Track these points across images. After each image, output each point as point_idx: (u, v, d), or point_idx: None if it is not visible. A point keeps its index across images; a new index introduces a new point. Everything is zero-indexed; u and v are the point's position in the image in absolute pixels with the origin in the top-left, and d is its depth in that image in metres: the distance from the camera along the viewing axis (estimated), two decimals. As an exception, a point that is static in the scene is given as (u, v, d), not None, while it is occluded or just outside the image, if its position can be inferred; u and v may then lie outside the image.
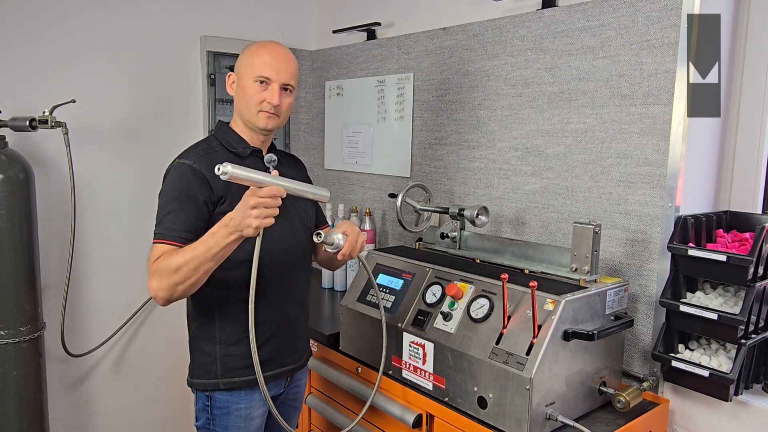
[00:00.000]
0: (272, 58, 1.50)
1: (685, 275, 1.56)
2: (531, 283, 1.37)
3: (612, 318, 1.53)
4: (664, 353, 1.55)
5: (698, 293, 1.56)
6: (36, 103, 2.04)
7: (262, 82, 1.49)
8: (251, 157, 1.55)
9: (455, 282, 1.60)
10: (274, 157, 1.43)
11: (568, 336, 1.39)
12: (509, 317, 1.44)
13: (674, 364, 1.52)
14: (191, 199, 1.42)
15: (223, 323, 1.50)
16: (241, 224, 1.29)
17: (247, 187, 1.31)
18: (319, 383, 1.99)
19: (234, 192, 1.44)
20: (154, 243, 1.39)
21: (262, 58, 1.50)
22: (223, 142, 1.54)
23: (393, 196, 2.04)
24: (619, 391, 1.50)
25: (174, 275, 1.33)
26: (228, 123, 1.60)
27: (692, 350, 1.58)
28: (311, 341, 1.90)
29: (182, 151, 1.53)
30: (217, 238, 1.32)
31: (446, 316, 1.55)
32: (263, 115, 1.51)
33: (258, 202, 1.27)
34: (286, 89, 1.52)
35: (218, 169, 1.23)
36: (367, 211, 2.41)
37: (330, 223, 2.52)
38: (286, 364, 1.60)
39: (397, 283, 1.76)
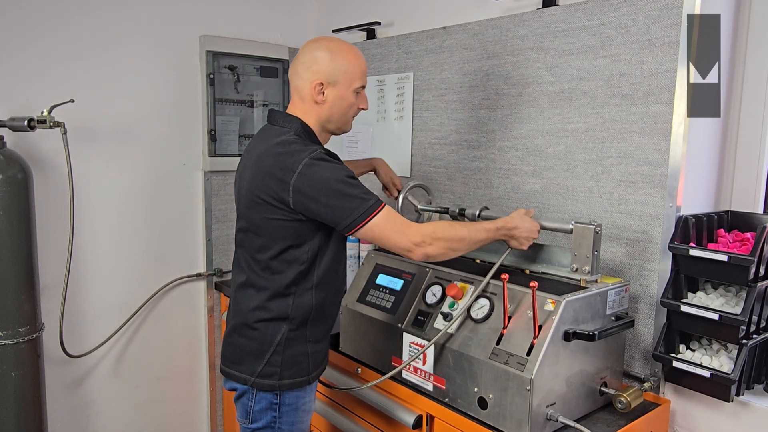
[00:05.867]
0: (365, 65, 1.56)
1: (686, 275, 1.56)
2: (531, 284, 1.36)
3: (613, 318, 1.53)
4: (665, 353, 1.55)
5: (699, 293, 1.56)
6: (34, 102, 2.03)
7: (359, 91, 1.54)
8: None
9: (455, 282, 1.59)
10: None
11: (568, 336, 1.39)
12: (510, 317, 1.44)
13: (675, 364, 1.51)
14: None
15: (314, 323, 1.54)
16: (520, 237, 1.52)
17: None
18: (318, 384, 1.98)
19: None
20: (380, 209, 1.40)
21: (360, 67, 1.53)
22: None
23: (393, 196, 2.04)
24: (619, 391, 1.50)
25: (454, 243, 1.45)
26: (286, 115, 1.51)
27: (693, 351, 1.57)
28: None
29: (286, 148, 1.41)
30: (491, 235, 1.50)
31: (446, 317, 1.55)
32: (352, 120, 1.59)
33: (537, 235, 1.55)
34: None
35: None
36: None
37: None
38: None
39: (397, 284, 1.75)
